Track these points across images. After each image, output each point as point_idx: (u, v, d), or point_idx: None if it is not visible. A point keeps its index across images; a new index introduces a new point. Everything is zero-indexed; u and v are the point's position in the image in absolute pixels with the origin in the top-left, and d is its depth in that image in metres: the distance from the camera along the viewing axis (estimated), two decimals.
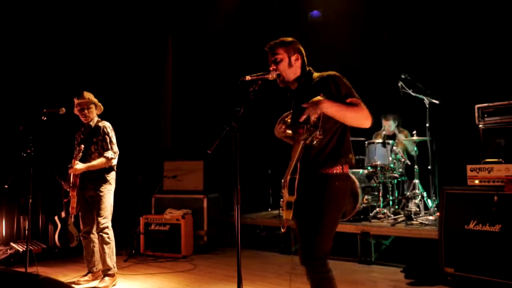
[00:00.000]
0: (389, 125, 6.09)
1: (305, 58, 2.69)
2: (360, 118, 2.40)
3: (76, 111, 4.36)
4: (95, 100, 4.39)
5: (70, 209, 4.20)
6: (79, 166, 4.12)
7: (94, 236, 4.30)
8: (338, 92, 2.44)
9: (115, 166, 4.36)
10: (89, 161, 4.20)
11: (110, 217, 4.25)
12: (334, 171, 2.48)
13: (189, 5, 7.41)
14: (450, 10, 5.93)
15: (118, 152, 4.33)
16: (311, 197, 2.49)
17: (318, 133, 2.33)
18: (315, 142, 2.36)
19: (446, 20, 5.97)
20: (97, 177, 4.24)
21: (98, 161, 4.19)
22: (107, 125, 4.35)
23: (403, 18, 6.40)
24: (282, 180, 2.61)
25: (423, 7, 6.20)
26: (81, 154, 4.15)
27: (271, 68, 2.63)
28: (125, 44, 7.07)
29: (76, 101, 4.32)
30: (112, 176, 4.32)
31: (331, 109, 2.33)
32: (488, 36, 5.62)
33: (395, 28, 6.49)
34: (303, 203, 2.53)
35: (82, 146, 4.17)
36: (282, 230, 2.95)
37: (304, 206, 2.53)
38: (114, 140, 4.32)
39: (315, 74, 2.63)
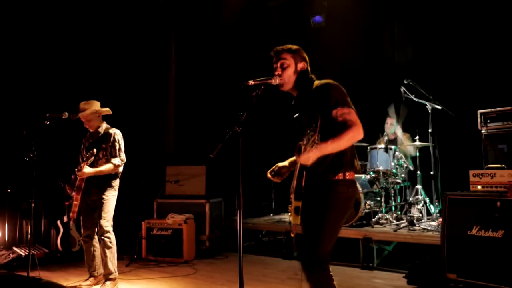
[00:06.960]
0: (391, 123, 6.05)
1: (308, 66, 2.70)
2: (350, 139, 2.38)
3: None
4: (94, 109, 4.32)
5: (71, 213, 4.21)
6: (88, 170, 4.12)
7: (95, 240, 4.32)
8: (328, 101, 2.45)
9: (120, 174, 4.40)
10: (96, 167, 4.22)
11: (112, 221, 4.27)
12: (337, 177, 2.47)
13: (192, 10, 7.45)
14: (454, 16, 5.94)
15: (125, 160, 4.35)
16: (313, 203, 2.49)
17: (316, 137, 2.33)
18: (313, 146, 2.36)
19: (449, 25, 5.98)
20: (103, 182, 4.27)
21: (106, 167, 4.21)
22: (117, 132, 4.38)
23: (406, 24, 6.41)
24: (291, 186, 2.61)
25: (425, 12, 6.22)
26: (92, 158, 4.16)
27: (276, 73, 2.63)
28: (128, 48, 7.11)
29: (78, 115, 4.30)
30: (116, 183, 4.37)
31: (322, 154, 2.34)
32: (490, 42, 5.63)
33: (398, 34, 6.50)
34: (307, 209, 2.53)
35: (95, 150, 4.17)
36: (292, 235, 2.94)
37: (308, 212, 2.53)
38: (122, 148, 4.36)
39: (316, 82, 2.63)
